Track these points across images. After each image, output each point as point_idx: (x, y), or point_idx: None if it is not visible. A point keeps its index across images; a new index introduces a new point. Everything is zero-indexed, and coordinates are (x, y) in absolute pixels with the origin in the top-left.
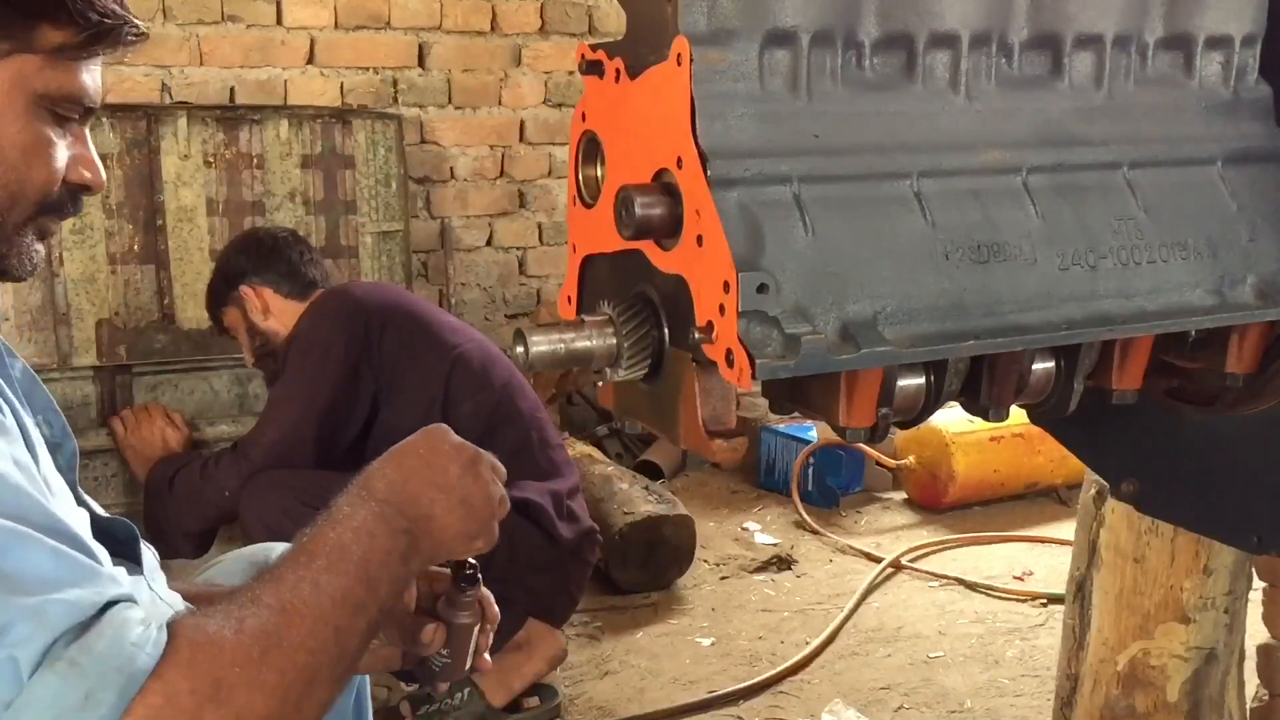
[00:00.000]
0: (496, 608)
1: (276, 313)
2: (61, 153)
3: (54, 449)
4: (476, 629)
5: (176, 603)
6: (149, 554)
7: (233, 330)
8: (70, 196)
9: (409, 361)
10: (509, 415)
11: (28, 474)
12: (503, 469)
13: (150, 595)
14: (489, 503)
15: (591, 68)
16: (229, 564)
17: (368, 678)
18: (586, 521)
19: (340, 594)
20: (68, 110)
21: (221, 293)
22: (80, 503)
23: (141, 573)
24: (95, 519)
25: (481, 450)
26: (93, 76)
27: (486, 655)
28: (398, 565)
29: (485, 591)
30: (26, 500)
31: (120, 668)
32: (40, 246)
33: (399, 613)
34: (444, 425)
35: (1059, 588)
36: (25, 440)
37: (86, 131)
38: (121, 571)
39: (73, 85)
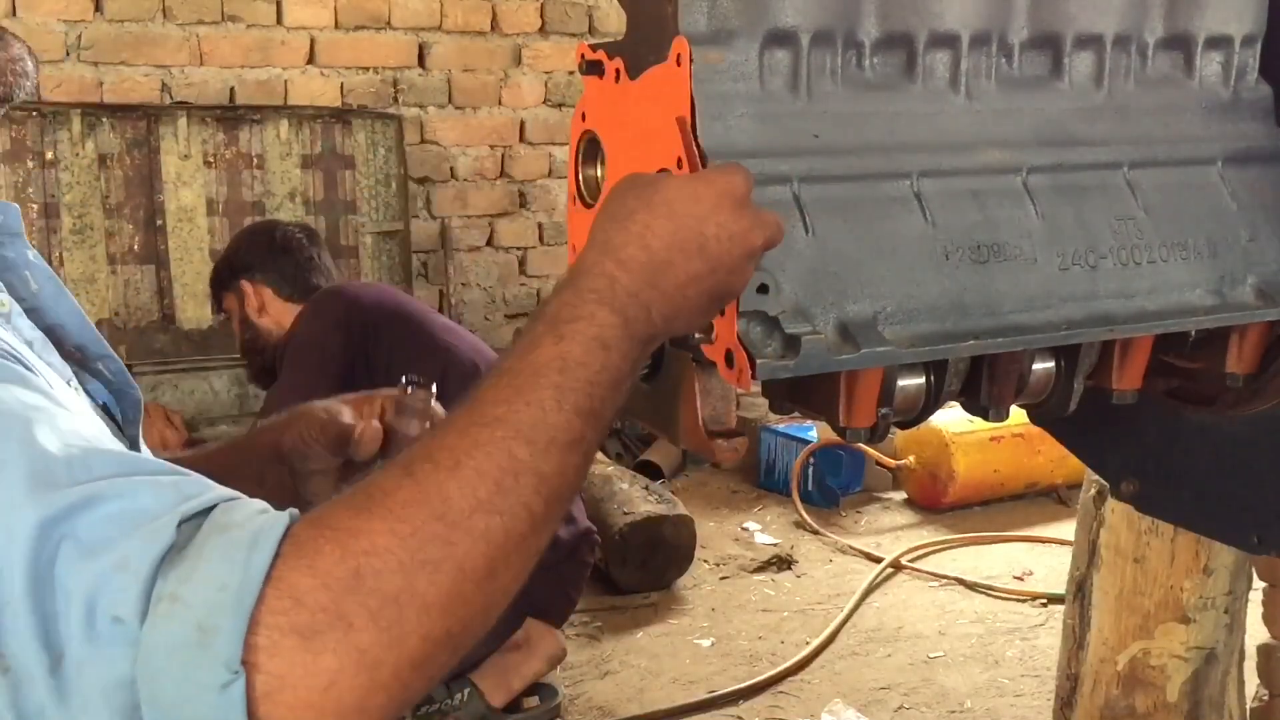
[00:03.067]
0: None
1: (272, 313)
2: None
3: (119, 395)
4: None
5: None
6: None
7: (228, 314)
8: None
9: (402, 362)
10: None
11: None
12: (780, 235)
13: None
14: (736, 295)
15: (591, 68)
16: None
17: None
18: (583, 523)
19: (551, 431)
20: None
21: (225, 279)
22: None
23: None
24: None
25: (772, 218)
26: None
27: None
28: (627, 380)
29: (439, 407)
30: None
31: (225, 584)
32: (4, 44)
33: (325, 421)
34: (742, 176)
35: (1059, 588)
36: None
37: None
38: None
39: None
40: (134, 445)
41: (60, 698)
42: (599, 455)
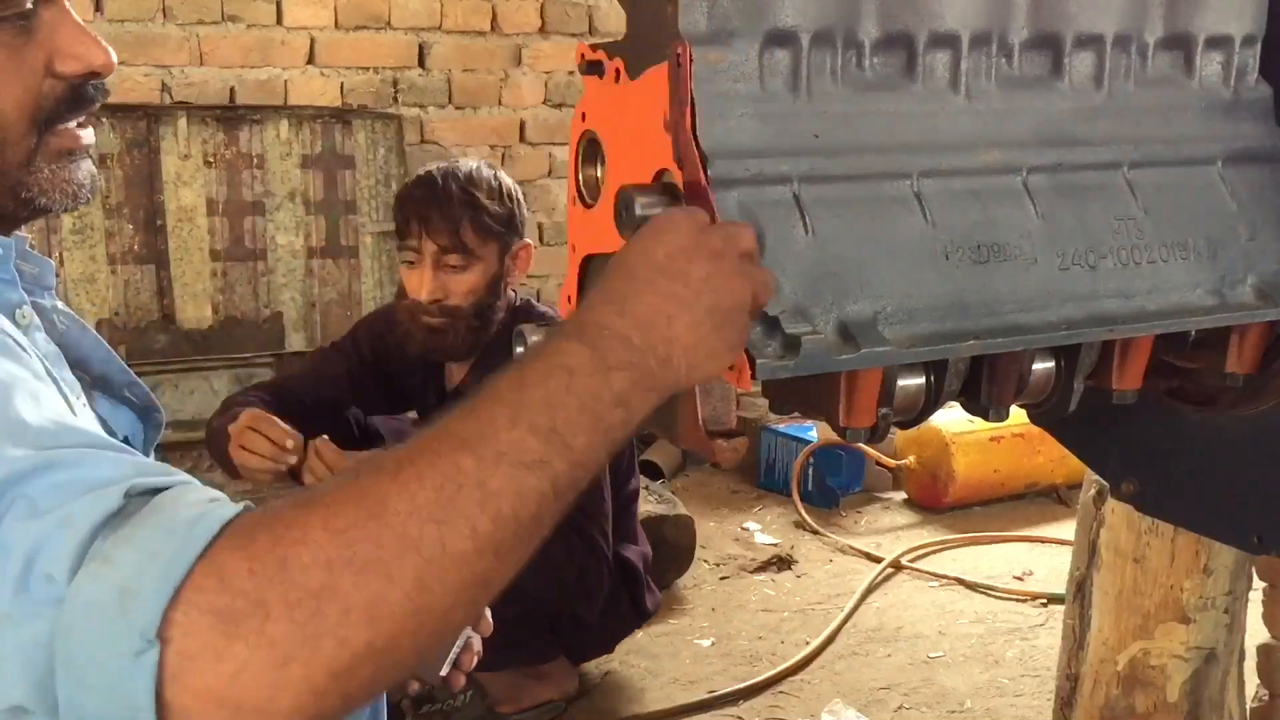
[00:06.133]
0: (490, 622)
1: (514, 281)
2: (31, 55)
3: (144, 417)
4: (466, 631)
5: None
6: None
7: (464, 268)
8: (75, 92)
9: None
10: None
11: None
12: (751, 237)
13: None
14: (745, 303)
15: (591, 68)
16: None
17: None
18: (658, 593)
19: (501, 446)
20: (10, 7)
21: (505, 231)
22: None
23: None
24: None
25: (732, 224)
26: None
27: (462, 675)
28: (609, 411)
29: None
30: (51, 413)
31: (156, 553)
32: (75, 166)
33: None
34: (681, 210)
35: (1059, 588)
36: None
37: (67, 5)
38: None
39: None
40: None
41: None
42: None
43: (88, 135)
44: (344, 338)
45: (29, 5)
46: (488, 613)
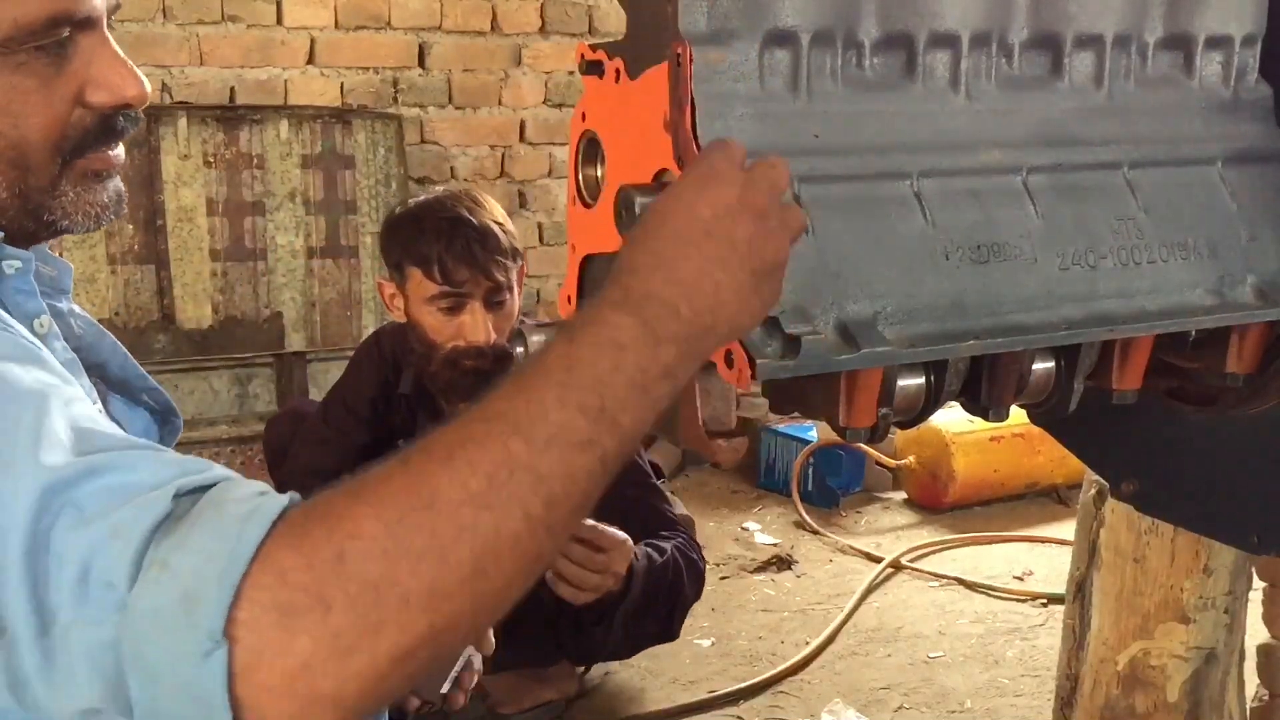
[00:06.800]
0: (492, 640)
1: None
2: (62, 84)
3: (162, 420)
4: (468, 650)
5: None
6: None
7: (506, 302)
8: (104, 123)
9: None
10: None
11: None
12: (786, 172)
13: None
14: (785, 258)
15: (591, 68)
16: None
17: None
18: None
19: (551, 428)
20: (47, 36)
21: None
22: None
23: None
24: None
25: (769, 166)
26: None
27: (463, 694)
28: (656, 384)
29: None
30: (83, 415)
31: (213, 555)
32: (102, 187)
33: None
34: (719, 152)
35: (1059, 588)
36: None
37: (106, 33)
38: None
39: (36, 8)
40: None
41: (46, 662)
42: None
43: (118, 155)
44: (337, 411)
45: (64, 34)
46: (489, 632)
